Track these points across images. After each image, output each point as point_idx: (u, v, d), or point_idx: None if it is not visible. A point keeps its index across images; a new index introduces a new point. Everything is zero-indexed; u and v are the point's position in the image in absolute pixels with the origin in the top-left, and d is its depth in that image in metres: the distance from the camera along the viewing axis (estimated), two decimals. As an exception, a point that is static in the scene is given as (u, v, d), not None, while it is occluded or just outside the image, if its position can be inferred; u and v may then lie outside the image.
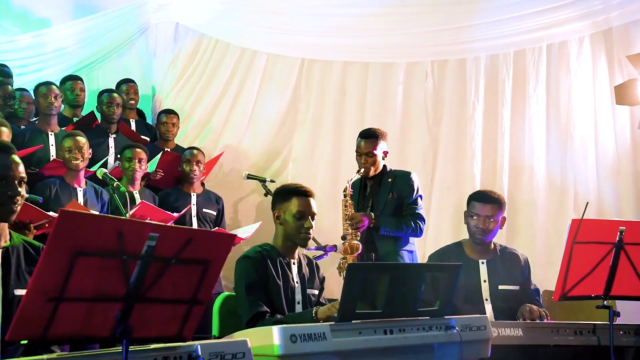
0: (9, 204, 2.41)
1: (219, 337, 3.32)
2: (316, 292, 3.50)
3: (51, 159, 5.32)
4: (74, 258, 1.89)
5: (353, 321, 2.67)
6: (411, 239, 4.63)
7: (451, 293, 2.93)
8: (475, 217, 3.79)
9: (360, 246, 4.39)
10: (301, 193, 3.40)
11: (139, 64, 7.27)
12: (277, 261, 3.35)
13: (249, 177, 5.61)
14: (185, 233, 2.13)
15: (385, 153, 4.70)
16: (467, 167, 5.99)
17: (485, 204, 3.79)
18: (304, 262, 3.52)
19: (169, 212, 4.78)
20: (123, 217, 3.69)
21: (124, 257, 1.98)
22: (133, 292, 2.02)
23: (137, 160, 5.12)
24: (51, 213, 3.96)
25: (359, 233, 4.43)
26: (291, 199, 3.37)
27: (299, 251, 3.52)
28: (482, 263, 3.83)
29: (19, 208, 2.45)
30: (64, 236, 1.87)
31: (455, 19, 6.16)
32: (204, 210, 5.57)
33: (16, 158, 2.46)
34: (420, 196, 4.68)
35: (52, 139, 5.42)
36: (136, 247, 1.98)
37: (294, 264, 3.44)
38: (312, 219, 3.38)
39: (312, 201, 3.41)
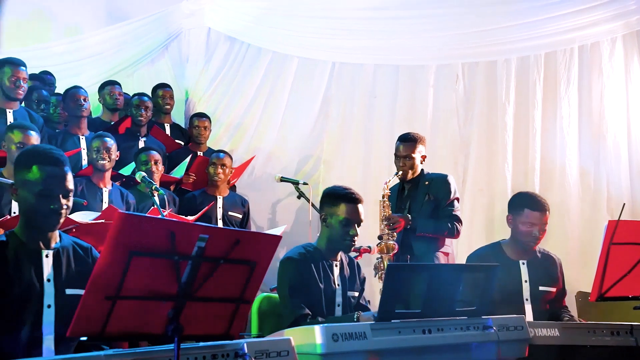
0: (52, 217, 2.52)
1: (257, 337, 3.40)
2: (356, 294, 3.54)
3: (83, 161, 5.40)
4: (130, 258, 1.97)
5: (392, 321, 2.72)
6: (447, 241, 4.68)
7: (488, 293, 2.97)
8: (529, 225, 3.79)
9: (397, 246, 4.45)
10: (350, 199, 3.38)
11: (172, 69, 7.38)
12: (319, 263, 3.39)
13: (282, 179, 5.67)
14: (234, 234, 2.20)
15: (424, 157, 4.76)
16: (499, 169, 6.00)
17: (540, 212, 3.80)
18: (345, 262, 3.55)
19: (182, 217, 4.80)
20: (175, 220, 3.75)
21: (175, 257, 2.06)
22: (184, 291, 2.09)
23: (152, 163, 5.17)
24: (77, 218, 4.03)
25: (395, 234, 4.48)
26: (339, 205, 3.37)
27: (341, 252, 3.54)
28: (523, 264, 3.85)
29: (62, 220, 2.56)
30: (121, 237, 1.95)
31: (486, 22, 6.17)
32: (230, 213, 5.62)
33: (66, 170, 2.57)
34: (457, 198, 4.73)
35: (82, 143, 5.50)
36: (187, 247, 2.06)
37: (336, 266, 3.47)
38: (358, 225, 3.39)
39: (361, 207, 3.40)
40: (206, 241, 2.07)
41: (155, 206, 4.25)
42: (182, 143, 6.36)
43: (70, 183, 2.57)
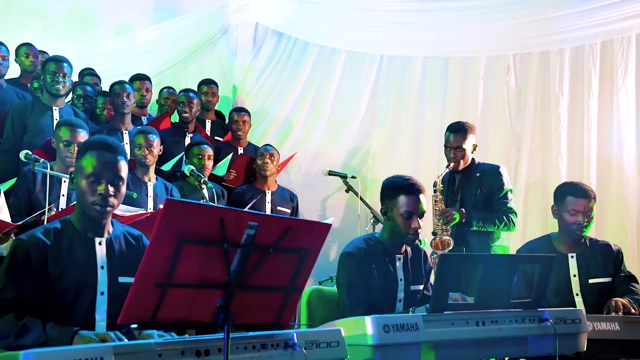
0: (99, 202, 2.57)
1: (307, 327, 3.36)
2: (420, 287, 3.40)
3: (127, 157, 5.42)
4: (180, 245, 1.95)
5: (445, 312, 2.65)
6: (503, 234, 4.58)
7: (545, 284, 2.88)
8: (574, 213, 3.69)
9: (452, 241, 4.37)
10: (410, 190, 3.21)
11: (220, 65, 7.44)
12: (381, 258, 3.26)
13: (331, 173, 5.64)
14: (284, 222, 2.17)
15: (475, 146, 4.66)
16: (553, 162, 5.86)
17: (583, 199, 3.70)
18: (410, 254, 3.40)
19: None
20: (223, 206, 3.74)
21: (225, 245, 2.03)
22: (234, 279, 2.07)
23: (206, 157, 5.17)
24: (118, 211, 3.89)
25: (449, 228, 4.40)
26: (399, 197, 3.21)
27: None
28: (572, 257, 3.75)
29: (109, 207, 2.60)
30: (170, 223, 1.93)
31: (538, 11, 6.02)
32: (279, 207, 5.61)
33: (119, 159, 2.64)
34: (511, 189, 4.63)
35: (126, 137, 5.43)
36: (236, 235, 2.03)
37: (399, 259, 3.33)
38: (421, 217, 3.23)
39: (422, 197, 3.23)
40: (255, 229, 2.04)
41: (204, 200, 4.26)
42: (222, 139, 6.36)
43: (121, 171, 2.60)
